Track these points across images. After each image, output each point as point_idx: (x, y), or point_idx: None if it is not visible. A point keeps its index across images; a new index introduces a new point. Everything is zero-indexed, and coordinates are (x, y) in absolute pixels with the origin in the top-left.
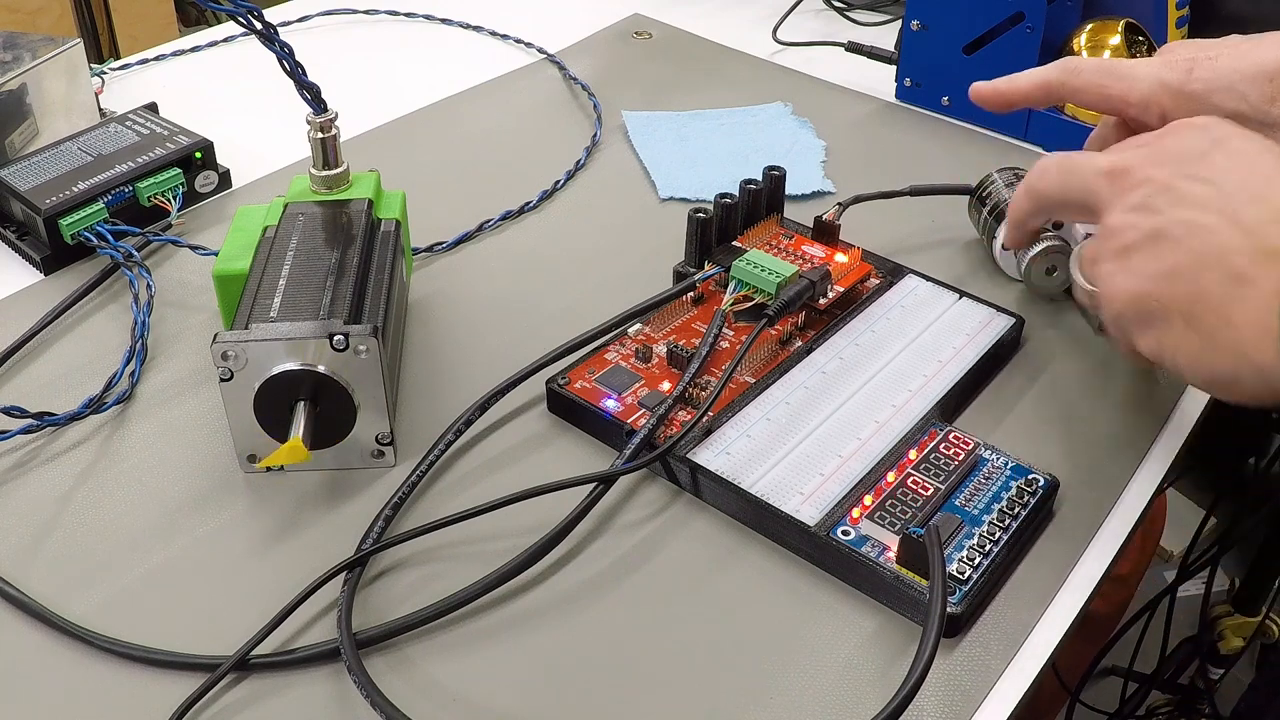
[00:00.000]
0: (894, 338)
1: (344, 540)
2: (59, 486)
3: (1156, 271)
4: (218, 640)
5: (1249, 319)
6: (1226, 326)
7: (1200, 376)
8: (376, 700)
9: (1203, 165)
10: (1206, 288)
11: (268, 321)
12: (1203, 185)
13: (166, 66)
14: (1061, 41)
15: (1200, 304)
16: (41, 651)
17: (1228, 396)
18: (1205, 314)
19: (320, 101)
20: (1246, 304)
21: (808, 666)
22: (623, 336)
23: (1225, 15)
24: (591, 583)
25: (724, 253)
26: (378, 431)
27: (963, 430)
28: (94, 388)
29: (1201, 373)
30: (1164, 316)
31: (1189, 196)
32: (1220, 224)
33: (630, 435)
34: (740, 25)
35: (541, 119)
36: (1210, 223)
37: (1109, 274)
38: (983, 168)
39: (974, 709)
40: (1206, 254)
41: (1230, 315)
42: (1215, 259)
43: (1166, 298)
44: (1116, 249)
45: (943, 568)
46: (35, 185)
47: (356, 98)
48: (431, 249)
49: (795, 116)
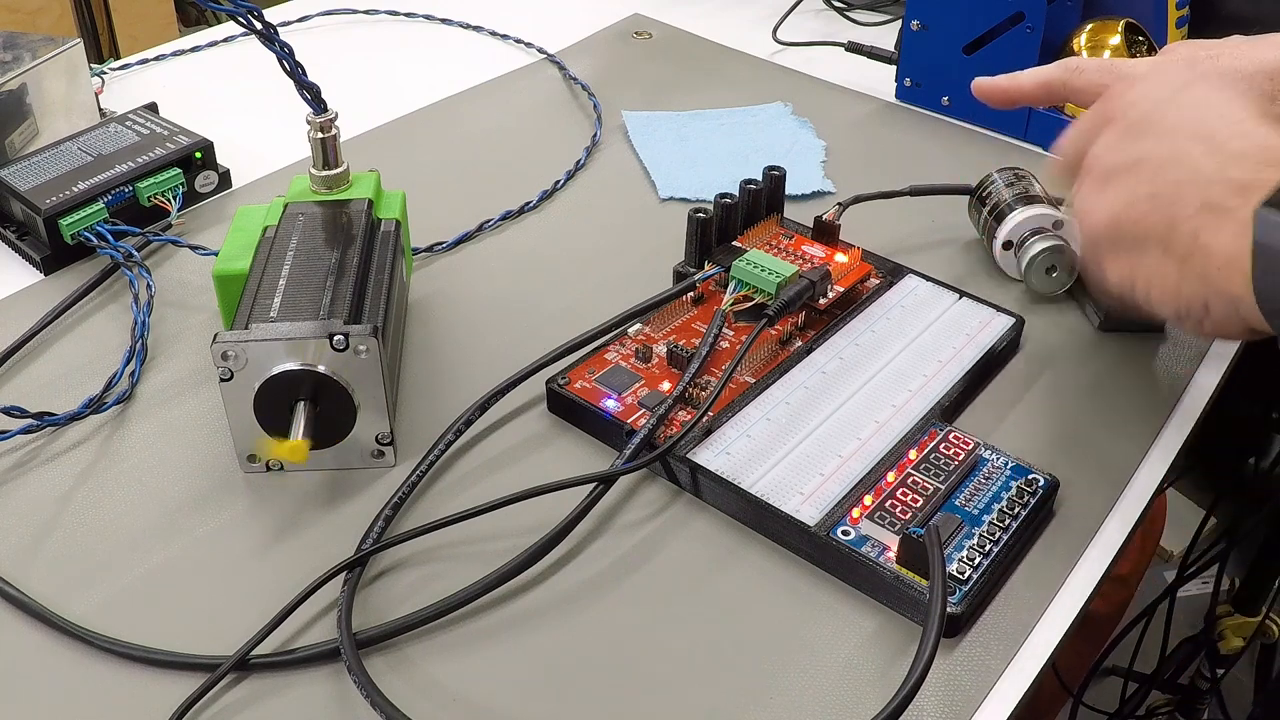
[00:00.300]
0: (894, 338)
1: (344, 540)
2: (59, 486)
3: (1136, 196)
4: (218, 640)
5: (1223, 247)
6: (1201, 254)
7: (1170, 305)
8: (376, 700)
9: (1182, 96)
10: (1184, 214)
11: (268, 321)
12: (1181, 114)
13: (166, 66)
14: (1061, 41)
15: (1176, 230)
16: (41, 651)
17: (1196, 329)
18: (1181, 240)
19: (320, 101)
20: (1222, 232)
21: (808, 666)
22: (623, 336)
23: (1225, 15)
24: (591, 583)
25: (724, 253)
26: (378, 431)
27: (963, 430)
28: (94, 388)
29: (1172, 301)
30: (1139, 242)
31: (1170, 125)
32: (1201, 153)
33: (630, 435)
34: (740, 25)
35: (541, 119)
36: (1192, 151)
37: (1088, 197)
38: (983, 168)
39: (974, 709)
40: (1185, 181)
41: (1206, 243)
42: (1194, 187)
43: (1144, 222)
44: (1098, 174)
45: (943, 568)
46: (35, 185)
47: (356, 98)
48: (431, 249)
49: (795, 116)
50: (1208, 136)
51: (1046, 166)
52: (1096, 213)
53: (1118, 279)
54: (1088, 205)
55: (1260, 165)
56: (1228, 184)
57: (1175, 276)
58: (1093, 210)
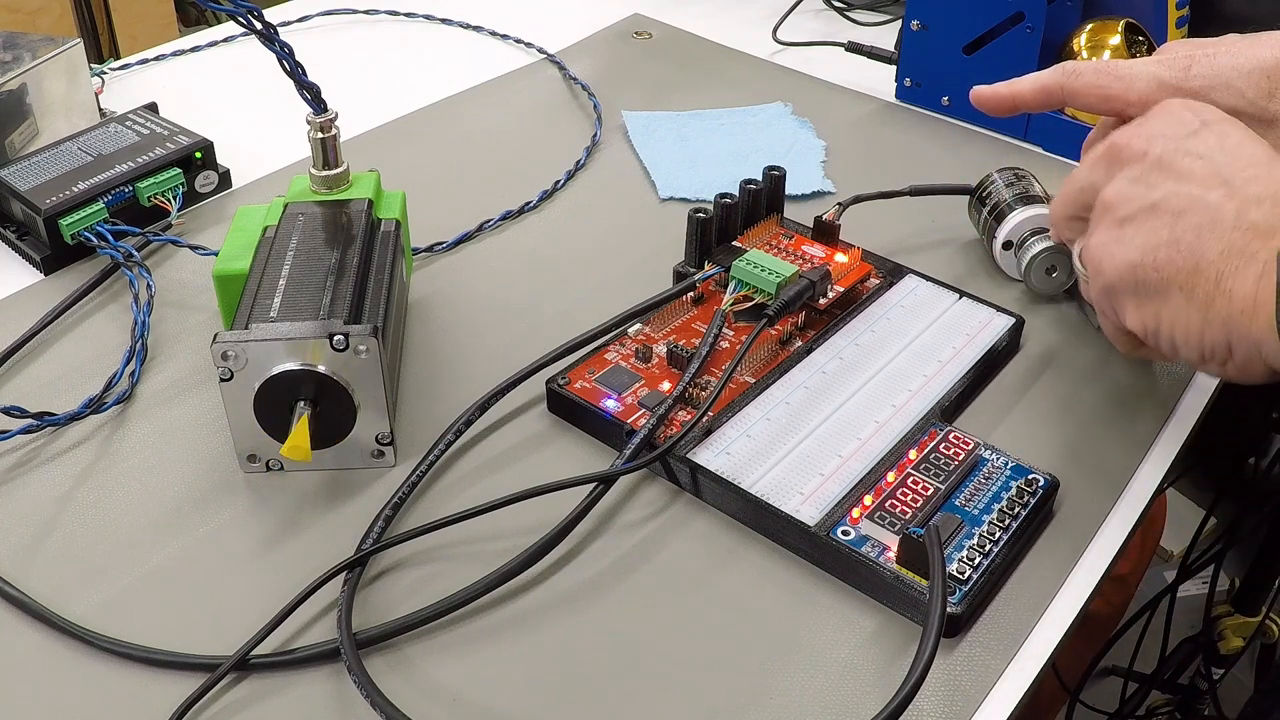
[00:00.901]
0: (894, 338)
1: (344, 540)
2: (59, 486)
3: (1156, 242)
4: (218, 640)
5: (1246, 291)
6: (1224, 299)
7: (1193, 351)
8: (376, 700)
9: (1195, 141)
10: (1206, 259)
11: (268, 321)
12: (1197, 160)
13: (166, 66)
14: (1061, 41)
15: (1199, 275)
16: (41, 651)
17: (1219, 372)
18: (1203, 286)
19: (320, 101)
20: (1245, 277)
21: (808, 666)
22: (623, 336)
23: (1225, 15)
24: (591, 583)
25: (724, 253)
26: (378, 431)
27: (963, 430)
28: (94, 388)
29: (1195, 346)
30: (1161, 288)
31: (1185, 171)
32: (1220, 198)
33: (630, 435)
34: (740, 25)
35: (541, 119)
36: (1211, 198)
37: (1103, 244)
38: (983, 168)
39: (974, 709)
40: (1206, 226)
41: (1229, 288)
42: (1215, 232)
43: (1166, 268)
44: (1112, 221)
45: (943, 568)
46: (35, 185)
47: (356, 98)
48: (431, 249)
49: (795, 116)
50: (1225, 181)
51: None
52: (1114, 258)
53: (1139, 324)
54: (1104, 250)
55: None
56: (1249, 228)
57: (1199, 322)
58: (1110, 255)
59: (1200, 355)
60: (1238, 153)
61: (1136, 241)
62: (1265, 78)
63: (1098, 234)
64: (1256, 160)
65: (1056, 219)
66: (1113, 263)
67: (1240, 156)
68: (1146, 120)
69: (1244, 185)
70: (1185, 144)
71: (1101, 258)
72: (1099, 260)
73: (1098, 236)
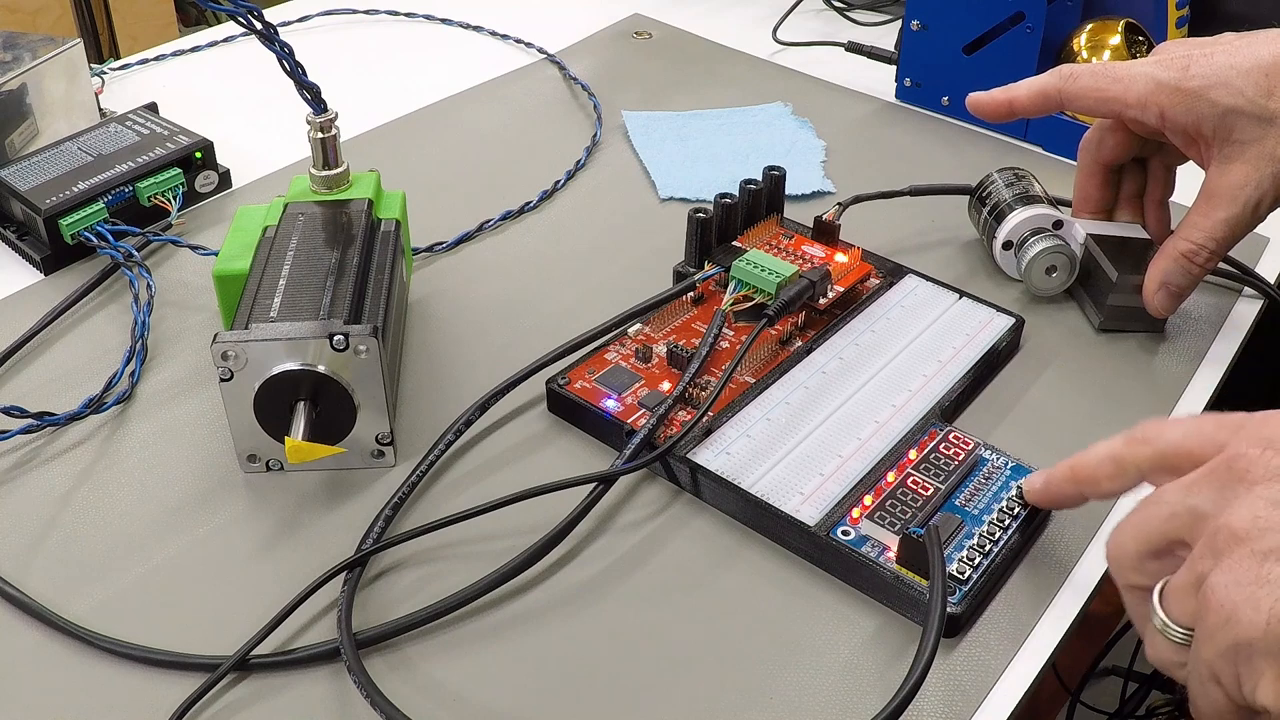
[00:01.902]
0: (894, 338)
1: (344, 540)
2: (59, 486)
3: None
4: (218, 640)
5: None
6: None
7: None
8: (376, 700)
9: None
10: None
11: (268, 321)
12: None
13: (166, 66)
14: (1061, 41)
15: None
16: (41, 651)
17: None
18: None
19: (320, 101)
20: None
21: (808, 666)
22: (623, 336)
23: (1225, 15)
24: (591, 583)
25: (724, 253)
26: (378, 431)
27: (963, 430)
28: (94, 388)
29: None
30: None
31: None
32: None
33: (630, 435)
34: (740, 25)
35: (541, 119)
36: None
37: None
38: (983, 168)
39: (974, 709)
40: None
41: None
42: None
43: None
44: (1251, 554)
45: (943, 568)
46: (35, 185)
47: (356, 98)
48: (431, 249)
49: (795, 116)
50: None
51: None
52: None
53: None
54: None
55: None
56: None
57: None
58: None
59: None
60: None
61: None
62: (1264, 75)
63: (1225, 572)
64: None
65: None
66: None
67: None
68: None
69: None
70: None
71: (1239, 602)
72: (1234, 607)
73: (1226, 575)
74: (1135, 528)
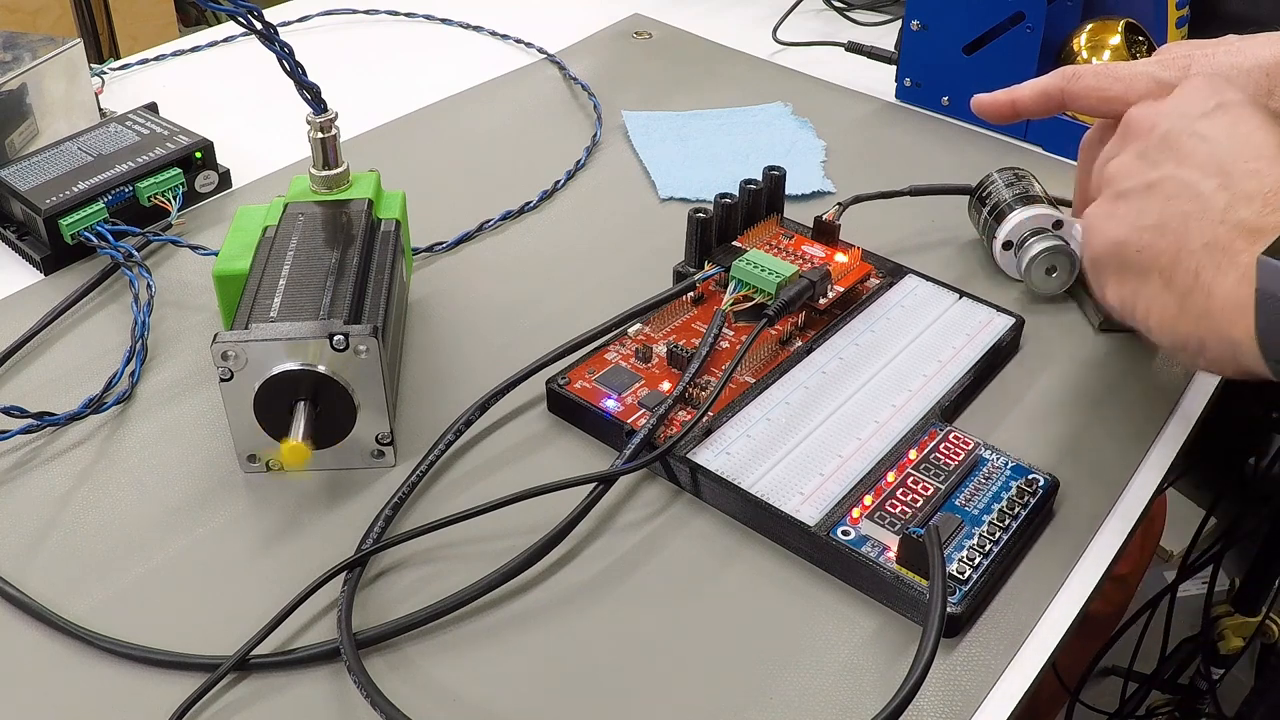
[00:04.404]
0: (894, 338)
1: (344, 540)
2: (59, 486)
3: (1143, 223)
4: (218, 640)
5: (1226, 290)
6: (1202, 293)
7: (1167, 338)
8: (376, 700)
9: (1205, 123)
10: (1189, 249)
11: (268, 321)
12: (1201, 143)
13: (166, 66)
14: (1061, 42)
15: (1180, 266)
16: (41, 651)
17: (1190, 362)
18: (1183, 276)
19: (320, 101)
20: (1226, 275)
21: (808, 666)
22: (623, 336)
23: (1225, 15)
24: (591, 583)
25: (724, 253)
26: (378, 431)
27: (963, 430)
28: (94, 388)
29: (1169, 334)
30: (1142, 270)
31: (1187, 152)
32: (1213, 188)
33: (630, 435)
34: (740, 25)
35: (541, 119)
36: (1204, 187)
37: (1098, 215)
38: (983, 168)
39: (974, 709)
40: (1193, 215)
41: (1209, 283)
42: (1201, 222)
43: (1148, 251)
44: (1110, 194)
45: (943, 568)
46: (35, 185)
47: (356, 98)
48: (431, 249)
49: (795, 116)
50: (1224, 170)
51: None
52: (1104, 232)
53: (1118, 301)
54: (1096, 223)
55: (1269, 209)
56: (1236, 225)
57: (1174, 310)
58: (1101, 229)
59: (1174, 343)
60: (1247, 141)
61: (1127, 219)
62: (1265, 75)
63: (1096, 205)
64: (1262, 153)
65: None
66: (1101, 237)
67: (1247, 146)
68: (1165, 98)
69: (1242, 178)
70: (1194, 124)
71: (1093, 229)
72: (1091, 231)
73: (1095, 207)
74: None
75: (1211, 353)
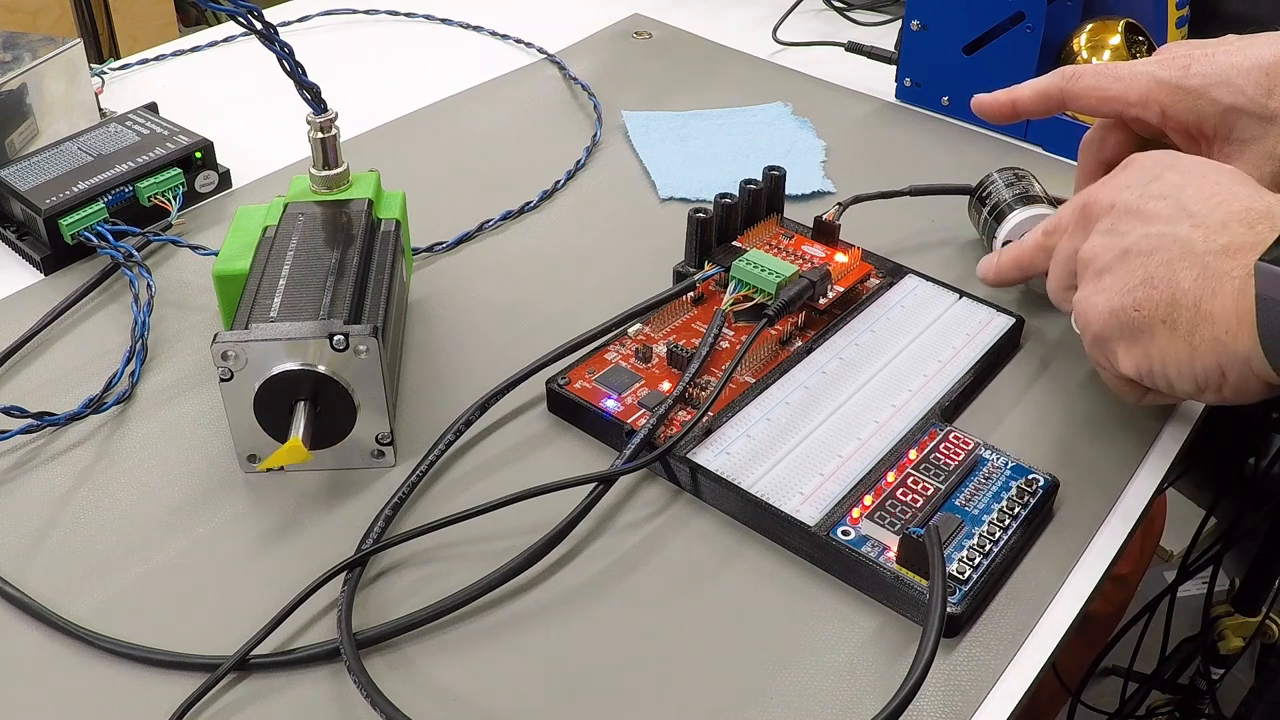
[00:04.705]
0: (894, 338)
1: (344, 540)
2: (59, 486)
3: (1131, 284)
4: (218, 640)
5: (1226, 309)
6: (1206, 322)
7: (1188, 382)
8: (376, 700)
9: (1158, 185)
10: (1182, 289)
11: (268, 321)
12: (1162, 201)
13: (166, 66)
14: (1061, 42)
15: (1177, 305)
16: (41, 651)
17: (1217, 398)
18: (1183, 313)
19: (320, 101)
20: (1221, 296)
21: (808, 666)
22: (623, 336)
23: (1225, 15)
24: (591, 583)
25: (724, 253)
26: (378, 431)
27: (963, 430)
28: (94, 388)
29: (1189, 378)
30: (1145, 326)
31: (1151, 214)
32: (1186, 230)
33: (630, 435)
34: (740, 25)
35: (541, 119)
36: (1176, 231)
37: (1085, 298)
38: (983, 168)
39: (974, 709)
40: (1176, 257)
41: (1209, 310)
42: (1187, 261)
43: (1145, 306)
44: (1091, 275)
45: (943, 568)
46: (35, 185)
47: (356, 98)
48: (431, 249)
49: (795, 116)
50: (1190, 214)
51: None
52: (1097, 308)
53: (1132, 367)
54: (1087, 303)
55: (1246, 226)
56: (1219, 251)
57: (1186, 351)
58: (1094, 306)
59: (1195, 385)
60: (1200, 186)
61: (1115, 287)
62: (1264, 74)
63: (1081, 290)
64: (1218, 188)
65: (1054, 292)
66: (1096, 313)
67: (1203, 189)
68: (1112, 176)
69: (1208, 214)
70: (1149, 189)
71: (1086, 310)
72: (1085, 314)
73: (1080, 292)
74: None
75: (1232, 377)
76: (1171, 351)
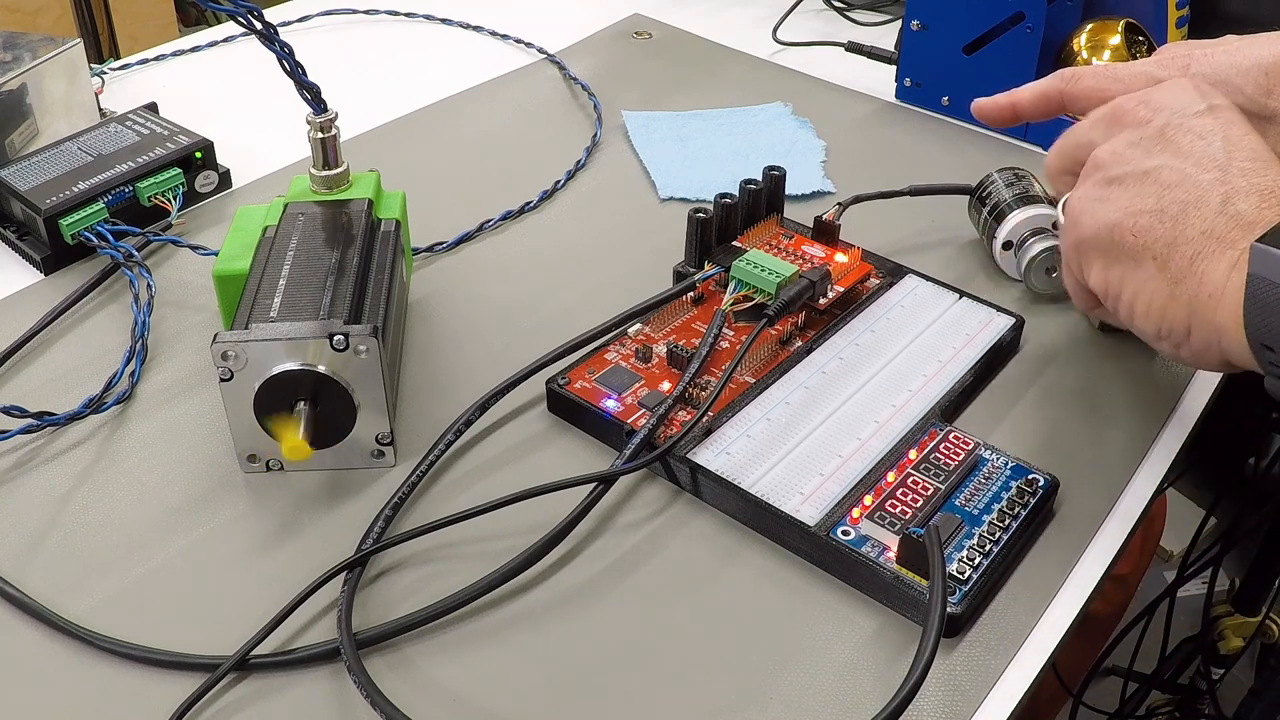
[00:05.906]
0: (894, 338)
1: (344, 540)
2: (59, 486)
3: (1140, 208)
4: (218, 640)
5: (1217, 276)
6: (1195, 279)
7: (1151, 324)
8: (376, 700)
9: (1200, 121)
10: (1187, 236)
11: (268, 321)
12: (1199, 140)
13: (166, 66)
14: (1061, 42)
15: (1177, 251)
16: (41, 651)
17: (1173, 352)
18: (1179, 261)
19: (320, 101)
20: (1220, 263)
21: (808, 666)
22: (623, 336)
23: (1225, 15)
24: (591, 583)
25: (724, 253)
26: (378, 431)
27: (963, 430)
28: (94, 388)
29: (1154, 320)
30: (1135, 254)
31: (1185, 147)
32: (1211, 181)
33: (630, 435)
34: (740, 25)
35: (541, 119)
36: (1202, 179)
37: (1087, 198)
38: (983, 168)
39: (974, 709)
40: (1192, 205)
41: (1201, 269)
42: (1200, 212)
43: (1144, 235)
44: (1101, 179)
45: (943, 568)
46: (35, 185)
47: (356, 98)
48: (431, 249)
49: (795, 116)
50: (1221, 166)
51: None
52: (1096, 215)
53: (1101, 285)
54: (1085, 205)
55: (1264, 205)
56: (1233, 216)
57: (1165, 296)
58: (1091, 212)
59: (1156, 331)
60: (1239, 143)
61: (1121, 203)
62: (1264, 75)
63: (1083, 189)
64: (1255, 155)
65: (1051, 171)
66: (1092, 219)
67: (1241, 147)
68: (1155, 91)
69: (1238, 175)
70: (1190, 121)
71: (1082, 211)
72: (1079, 214)
73: (1082, 191)
74: (1055, 150)
75: (1195, 341)
76: (1150, 289)
